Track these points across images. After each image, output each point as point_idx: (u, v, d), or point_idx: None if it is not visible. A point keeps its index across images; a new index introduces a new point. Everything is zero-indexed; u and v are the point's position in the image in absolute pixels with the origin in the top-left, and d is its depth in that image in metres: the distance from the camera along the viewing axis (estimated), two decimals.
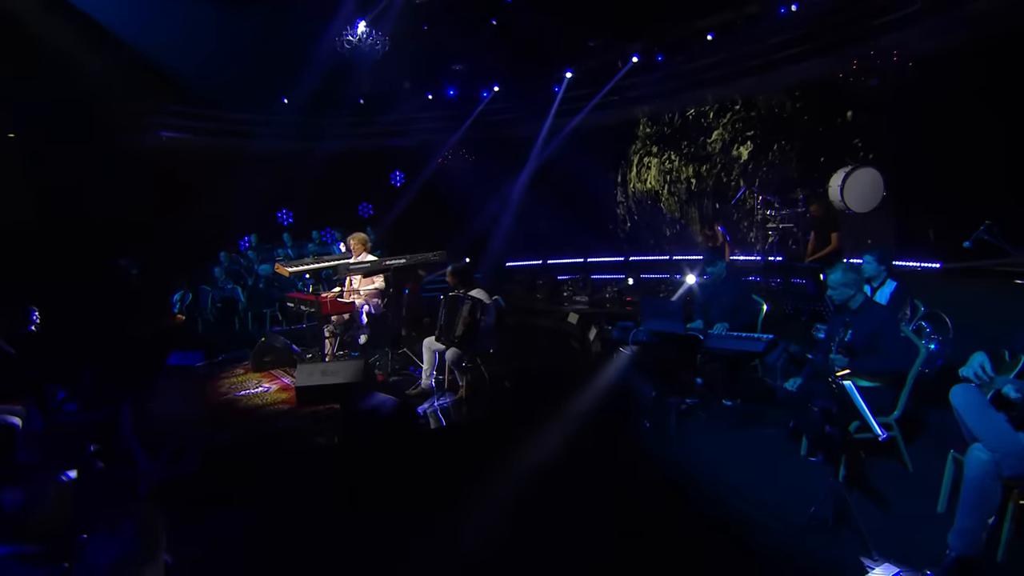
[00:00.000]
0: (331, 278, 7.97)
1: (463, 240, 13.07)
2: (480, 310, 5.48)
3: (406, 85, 12.75)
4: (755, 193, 9.08)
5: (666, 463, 4.30)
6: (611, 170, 14.30)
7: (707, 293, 5.25)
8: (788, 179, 10.60)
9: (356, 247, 6.91)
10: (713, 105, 11.99)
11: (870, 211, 7.32)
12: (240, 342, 9.27)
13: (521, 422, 5.12)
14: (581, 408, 5.27)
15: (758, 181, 11.49)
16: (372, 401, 5.35)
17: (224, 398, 6.35)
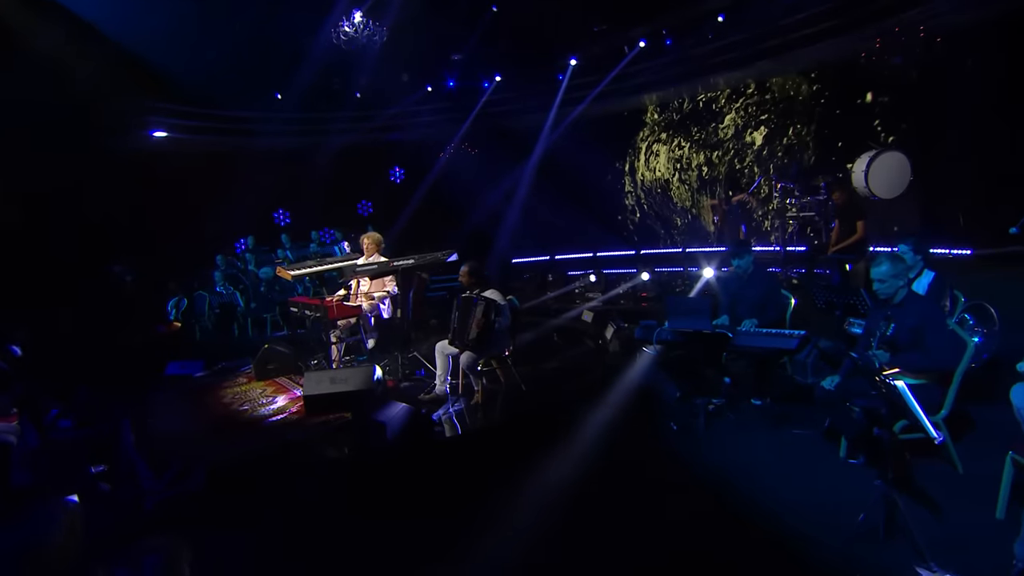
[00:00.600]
0: (336, 280, 7.90)
1: (466, 236, 12.99)
2: (495, 311, 5.39)
3: (404, 77, 12.63)
4: (773, 181, 8.96)
5: (697, 467, 4.22)
6: (618, 159, 14.18)
7: (732, 288, 5.15)
8: (808, 166, 10.50)
9: (369, 247, 6.81)
10: (725, 89, 11.86)
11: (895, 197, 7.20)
12: (241, 349, 9.22)
13: (541, 427, 5.05)
14: (603, 411, 5.18)
15: (772, 167, 11.38)
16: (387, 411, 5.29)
17: (228, 410, 6.28)
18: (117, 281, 11.19)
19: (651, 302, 8.60)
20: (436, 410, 5.63)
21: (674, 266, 12.04)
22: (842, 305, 4.27)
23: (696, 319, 4.47)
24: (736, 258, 5.01)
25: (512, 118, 13.50)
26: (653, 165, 13.64)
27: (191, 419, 6.19)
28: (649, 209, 13.89)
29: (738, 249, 5.02)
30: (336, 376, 5.73)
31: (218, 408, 6.36)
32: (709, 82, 11.81)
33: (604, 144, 13.76)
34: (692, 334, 4.50)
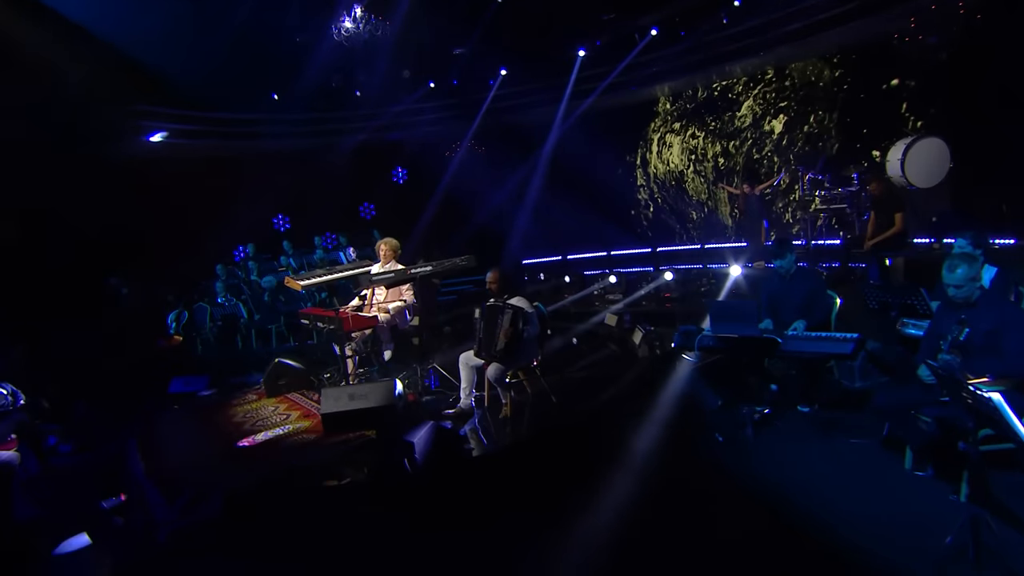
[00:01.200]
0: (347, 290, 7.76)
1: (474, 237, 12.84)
2: (522, 320, 5.25)
3: (405, 74, 12.47)
4: (800, 172, 8.81)
5: (748, 481, 4.07)
6: (629, 152, 14.03)
7: (773, 289, 5.00)
8: (830, 154, 10.34)
9: (386, 254, 6.66)
10: (741, 77, 11.70)
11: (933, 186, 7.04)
12: (246, 363, 9.08)
13: (576, 442, 4.90)
14: (641, 423, 5.04)
15: (793, 156, 11.24)
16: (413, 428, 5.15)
17: (241, 429, 6.13)
18: (113, 294, 11.05)
19: (675, 303, 8.45)
20: (462, 425, 5.49)
21: (693, 263, 11.92)
22: (898, 306, 4.12)
23: (742, 324, 4.32)
24: (777, 258, 4.86)
25: (518, 113, 13.33)
26: (666, 157, 13.50)
27: (201, 440, 6.05)
28: (663, 203, 13.75)
29: (779, 248, 4.86)
30: (355, 392, 5.57)
31: (230, 428, 6.20)
32: (724, 70, 11.65)
33: (614, 136, 13.61)
34: (738, 340, 4.35)
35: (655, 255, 12.66)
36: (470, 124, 13.35)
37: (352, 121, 13.41)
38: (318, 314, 6.58)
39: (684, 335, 4.83)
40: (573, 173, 13.11)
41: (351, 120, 13.43)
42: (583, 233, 13.53)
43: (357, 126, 13.36)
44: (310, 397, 6.80)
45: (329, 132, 13.25)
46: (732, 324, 4.36)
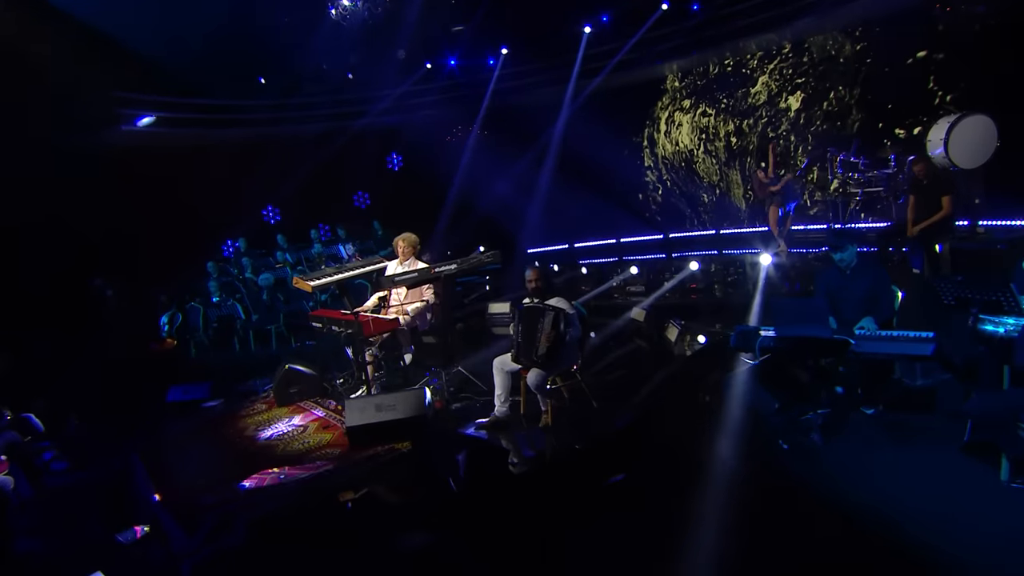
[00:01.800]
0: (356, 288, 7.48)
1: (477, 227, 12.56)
2: (564, 321, 5.02)
3: (400, 54, 12.07)
4: (831, 154, 8.61)
5: (827, 495, 3.89)
6: (635, 132, 13.75)
7: (833, 284, 4.80)
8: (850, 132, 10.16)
9: (405, 251, 6.38)
10: (756, 52, 11.45)
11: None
12: (245, 367, 8.78)
13: (625, 451, 4.71)
14: (694, 429, 4.86)
15: (810, 135, 11.06)
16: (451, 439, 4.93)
17: (255, 444, 5.86)
18: (98, 296, 10.64)
19: (700, 294, 8.26)
20: (500, 436, 5.27)
21: (706, 249, 11.73)
22: (980, 303, 3.94)
23: (809, 324, 4.13)
24: (838, 251, 4.65)
25: (521, 95, 12.99)
26: (675, 136, 13.25)
27: (215, 458, 5.76)
28: (672, 186, 13.52)
29: (839, 240, 4.66)
30: (382, 402, 5.34)
31: (243, 443, 5.93)
32: (739, 46, 11.39)
33: (619, 116, 13.30)
34: (806, 341, 4.16)
35: (668, 242, 12.45)
36: (469, 107, 12.98)
37: (344, 105, 13.00)
38: (333, 317, 6.29)
39: (742, 335, 4.63)
40: (578, 156, 12.82)
41: (343, 104, 13.02)
42: (589, 219, 13.28)
43: (349, 111, 12.96)
44: (326, 406, 6.54)
45: (320, 117, 12.84)
46: (799, 324, 4.17)
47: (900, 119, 9.57)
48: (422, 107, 13.12)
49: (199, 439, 6.34)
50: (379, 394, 5.56)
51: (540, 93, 13.22)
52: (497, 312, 8.87)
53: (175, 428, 6.75)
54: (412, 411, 5.28)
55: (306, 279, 6.72)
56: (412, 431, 5.29)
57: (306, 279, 6.72)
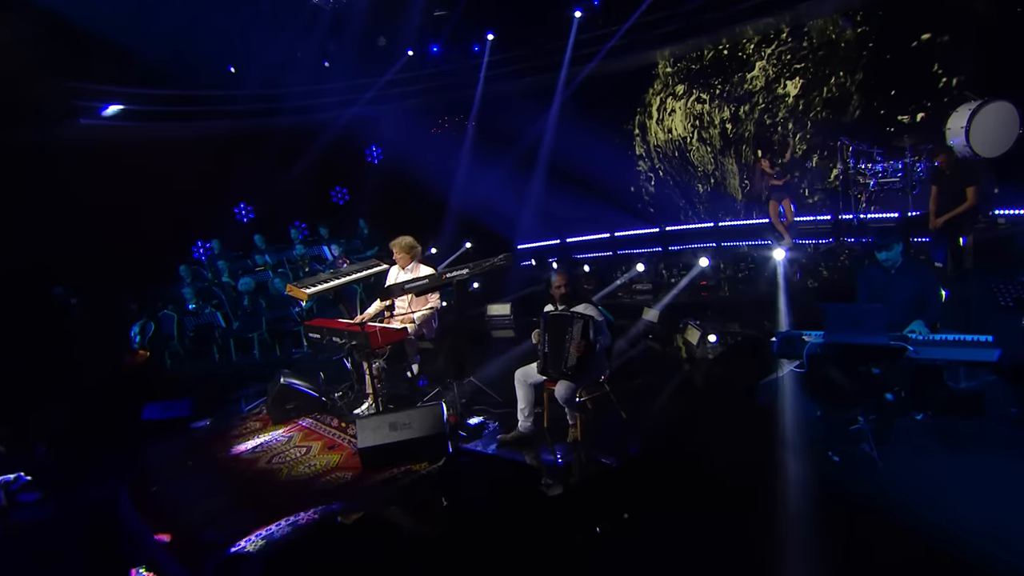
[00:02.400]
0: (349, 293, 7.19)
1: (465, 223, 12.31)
2: (594, 329, 4.84)
3: (381, 41, 11.69)
4: (843, 143, 8.57)
5: (888, 509, 3.77)
6: (626, 120, 13.61)
7: (876, 284, 4.70)
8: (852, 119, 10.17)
9: (402, 257, 6.13)
10: (753, 36, 11.38)
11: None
12: (228, 379, 8.42)
13: (666, 467, 4.55)
14: (735, 441, 4.73)
15: (810, 122, 11.05)
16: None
17: (255, 469, 5.56)
18: (60, 306, 10.11)
19: (711, 292, 8.17)
20: (525, 453, 5.08)
21: (704, 241, 11.71)
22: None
23: (864, 330, 4.02)
24: (883, 249, 4.54)
25: (507, 83, 12.72)
26: (668, 124, 13.14)
27: (211, 487, 5.44)
28: (665, 176, 13.43)
29: (885, 239, 4.55)
30: (397, 420, 5.10)
31: (241, 468, 5.62)
32: (735, 31, 11.31)
33: (608, 103, 13.15)
34: (861, 349, 4.05)
35: (663, 235, 12.37)
36: (454, 97, 12.68)
37: (320, 96, 12.58)
38: (335, 327, 6.00)
39: (786, 342, 4.51)
40: (567, 148, 12.63)
41: (318, 95, 12.60)
42: (581, 213, 13.11)
43: (325, 101, 12.55)
44: (327, 423, 6.26)
45: (294, 109, 12.39)
46: (853, 331, 4.05)
47: (903, 106, 9.60)
48: (404, 97, 12.76)
49: (189, 464, 5.99)
50: (392, 411, 5.31)
51: (526, 81, 12.99)
52: (497, 314, 8.68)
53: (160, 452, 6.39)
54: (430, 429, 5.07)
55: (300, 286, 6.44)
56: (431, 450, 5.08)
57: (300, 286, 6.44)
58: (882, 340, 4.00)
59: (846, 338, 4.11)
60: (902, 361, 4.08)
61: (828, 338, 4.18)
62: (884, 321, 4.00)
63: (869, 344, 4.04)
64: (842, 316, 4.13)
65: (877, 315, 4.00)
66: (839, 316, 4.14)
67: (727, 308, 7.76)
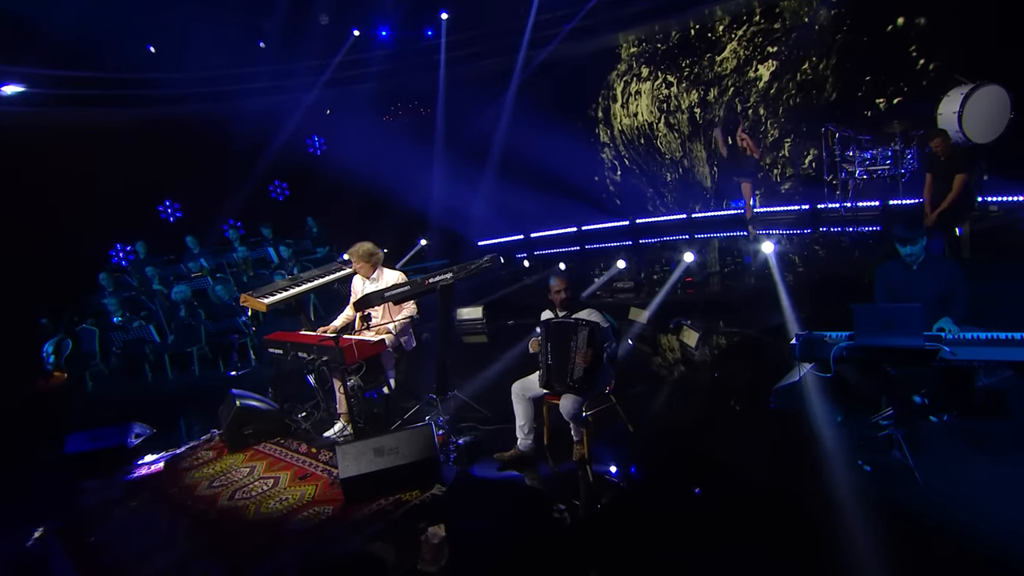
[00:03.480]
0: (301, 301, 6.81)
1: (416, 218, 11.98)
2: (600, 337, 4.68)
3: (323, 20, 11.19)
4: (828, 129, 8.70)
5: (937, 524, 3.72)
6: (589, 104, 13.55)
7: (896, 280, 4.70)
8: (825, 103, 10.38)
9: (363, 267, 5.81)
10: (723, 17, 11.46)
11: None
12: (171, 402, 7.89)
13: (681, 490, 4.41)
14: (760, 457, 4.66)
15: (782, 108, 11.23)
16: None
17: (217, 507, 5.15)
18: None
19: (696, 289, 8.15)
20: (526, 474, 4.88)
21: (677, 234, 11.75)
22: None
23: (898, 332, 3.98)
24: (908, 243, 4.53)
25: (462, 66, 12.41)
26: (634, 108, 13.15)
27: (167, 532, 5.00)
28: (631, 164, 13.45)
29: (910, 231, 4.55)
30: (382, 445, 4.81)
31: (200, 507, 5.20)
32: (704, 12, 11.36)
33: (571, 88, 13.05)
34: (896, 352, 4.01)
35: (634, 227, 12.36)
36: (406, 81, 12.29)
37: (253, 79, 11.97)
38: (302, 341, 5.64)
39: (808, 344, 4.44)
40: (527, 136, 12.43)
41: (251, 78, 11.99)
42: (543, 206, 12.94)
43: (260, 85, 11.95)
44: (294, 449, 5.88)
45: (223, 94, 11.76)
46: (885, 332, 4.01)
47: (880, 90, 9.84)
48: (349, 82, 12.27)
49: (133, 506, 5.49)
50: (374, 435, 5.00)
51: (483, 65, 12.72)
52: (468, 318, 8.44)
53: (95, 492, 5.86)
54: (420, 453, 4.79)
55: (257, 296, 6.07)
56: (422, 477, 4.81)
57: (257, 296, 6.07)
58: (917, 342, 3.97)
59: (878, 340, 4.06)
60: (936, 363, 4.06)
61: (859, 340, 4.12)
62: (920, 322, 3.96)
63: (903, 346, 3.99)
64: (873, 317, 4.07)
65: (912, 315, 3.96)
66: (870, 317, 4.09)
67: (717, 306, 7.75)
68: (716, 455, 4.72)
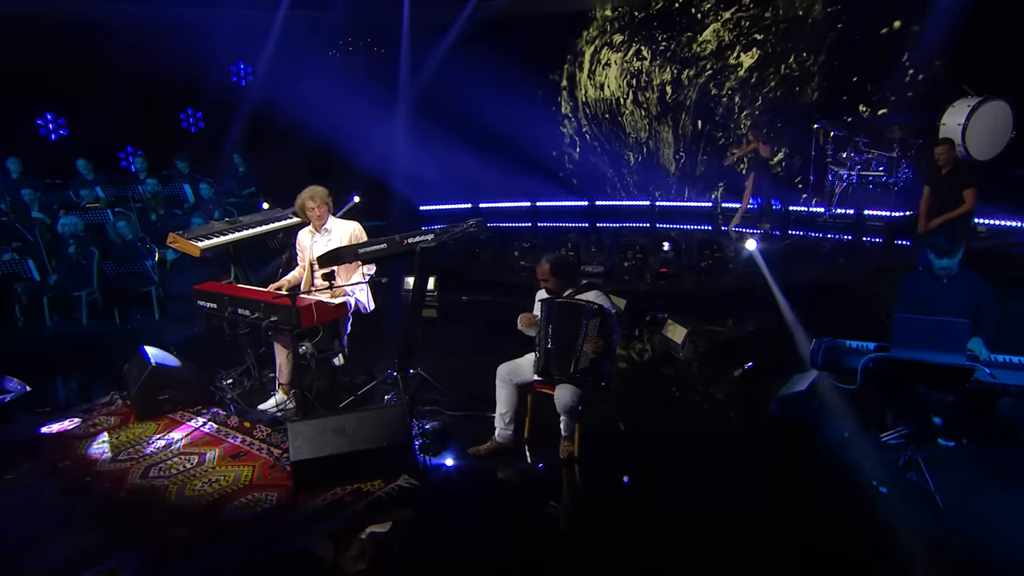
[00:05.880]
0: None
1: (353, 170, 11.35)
2: (611, 325, 4.48)
3: None
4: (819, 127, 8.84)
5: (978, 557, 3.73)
6: (553, 69, 13.28)
7: (923, 293, 4.74)
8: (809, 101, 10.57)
9: (324, 213, 5.36)
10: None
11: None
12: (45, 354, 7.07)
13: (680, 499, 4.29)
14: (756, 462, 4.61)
15: (759, 100, 11.39)
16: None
17: (126, 485, 4.59)
18: None
19: (671, 279, 8.12)
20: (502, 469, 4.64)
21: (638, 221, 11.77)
22: None
23: (941, 347, 3.98)
24: (946, 256, 4.56)
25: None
26: (600, 80, 12.99)
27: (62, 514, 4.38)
28: (592, 140, 13.32)
29: (949, 244, 4.57)
30: (343, 426, 4.43)
31: (104, 485, 4.61)
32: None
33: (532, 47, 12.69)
34: (933, 368, 4.02)
35: (593, 209, 12.26)
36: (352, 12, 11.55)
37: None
38: (246, 296, 5.12)
39: (832, 353, 4.41)
40: (475, 97, 11.99)
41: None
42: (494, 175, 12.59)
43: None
44: (224, 423, 5.36)
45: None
46: (929, 347, 4.01)
47: (866, 95, 10.11)
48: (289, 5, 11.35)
49: (9, 479, 4.79)
50: (334, 413, 4.61)
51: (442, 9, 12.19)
52: None
53: None
54: (389, 438, 4.46)
55: (189, 237, 5.49)
56: (387, 466, 4.47)
57: (189, 237, 5.49)
58: (959, 360, 3.99)
59: (917, 354, 4.05)
60: (972, 384, 4.10)
61: (897, 353, 4.11)
62: (965, 339, 3.99)
63: (943, 363, 4.01)
64: (916, 329, 4.06)
65: (958, 331, 3.97)
66: (912, 329, 4.08)
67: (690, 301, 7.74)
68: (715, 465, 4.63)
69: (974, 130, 7.21)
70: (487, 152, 12.02)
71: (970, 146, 7.25)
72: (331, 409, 5.21)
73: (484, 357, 5.04)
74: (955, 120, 7.31)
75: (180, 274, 8.27)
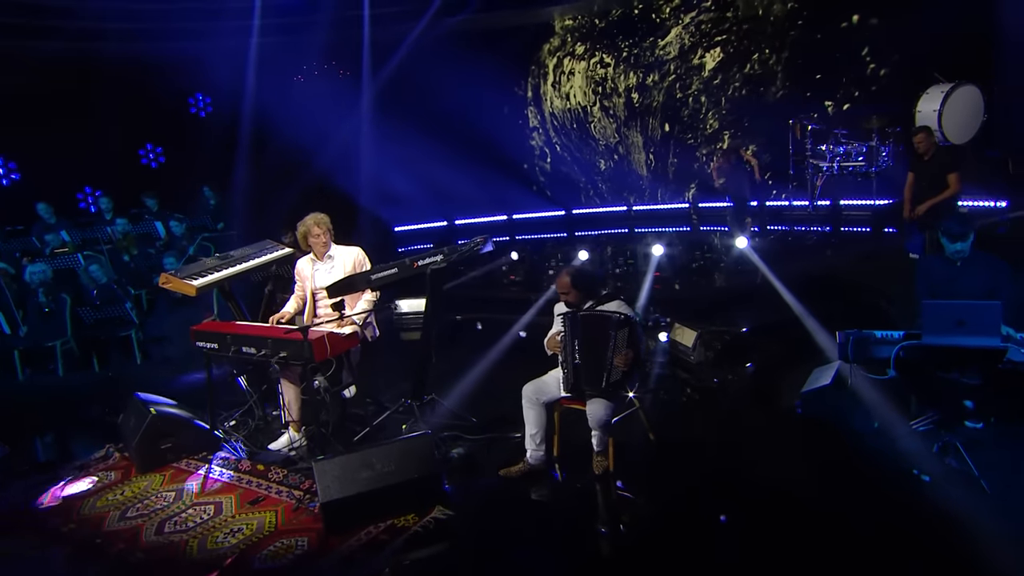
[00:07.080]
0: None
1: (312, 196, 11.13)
2: (637, 335, 4.41)
3: None
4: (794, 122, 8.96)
5: None
6: (518, 82, 13.27)
7: (938, 277, 4.78)
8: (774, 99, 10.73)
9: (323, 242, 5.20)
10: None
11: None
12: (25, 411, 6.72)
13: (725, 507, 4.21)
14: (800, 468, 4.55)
15: (724, 99, 11.53)
16: None
17: (142, 544, 4.33)
18: None
19: (663, 282, 8.10)
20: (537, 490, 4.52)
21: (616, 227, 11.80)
22: None
23: (974, 331, 4.00)
24: (959, 240, 4.59)
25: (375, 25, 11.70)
26: (566, 90, 13.04)
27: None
28: (562, 151, 13.33)
29: (961, 228, 4.62)
30: (371, 460, 4.25)
31: (118, 546, 4.34)
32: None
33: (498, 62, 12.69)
34: (968, 352, 4.04)
35: (570, 218, 12.24)
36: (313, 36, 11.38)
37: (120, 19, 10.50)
38: (250, 334, 4.90)
39: (861, 343, 4.41)
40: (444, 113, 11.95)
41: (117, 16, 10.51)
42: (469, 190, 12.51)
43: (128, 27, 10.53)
44: (235, 468, 5.11)
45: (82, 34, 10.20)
46: (962, 332, 4.03)
47: (830, 91, 10.29)
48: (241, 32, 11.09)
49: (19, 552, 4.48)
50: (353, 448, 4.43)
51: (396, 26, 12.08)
52: (411, 311, 7.90)
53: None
54: (418, 469, 4.30)
55: (183, 276, 5.25)
56: (419, 498, 4.30)
57: (183, 276, 5.25)
58: (994, 342, 4.01)
59: (950, 340, 4.07)
60: (1003, 365, 4.12)
61: (929, 339, 4.11)
62: (998, 321, 4.01)
63: (978, 347, 4.02)
64: (946, 314, 4.09)
65: (990, 313, 4.00)
66: (941, 314, 4.10)
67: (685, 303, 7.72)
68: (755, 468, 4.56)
69: (949, 115, 7.38)
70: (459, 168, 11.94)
71: (947, 131, 7.42)
72: (346, 444, 5.02)
73: (493, 377, 4.94)
74: (930, 106, 7.48)
75: (157, 316, 7.98)
